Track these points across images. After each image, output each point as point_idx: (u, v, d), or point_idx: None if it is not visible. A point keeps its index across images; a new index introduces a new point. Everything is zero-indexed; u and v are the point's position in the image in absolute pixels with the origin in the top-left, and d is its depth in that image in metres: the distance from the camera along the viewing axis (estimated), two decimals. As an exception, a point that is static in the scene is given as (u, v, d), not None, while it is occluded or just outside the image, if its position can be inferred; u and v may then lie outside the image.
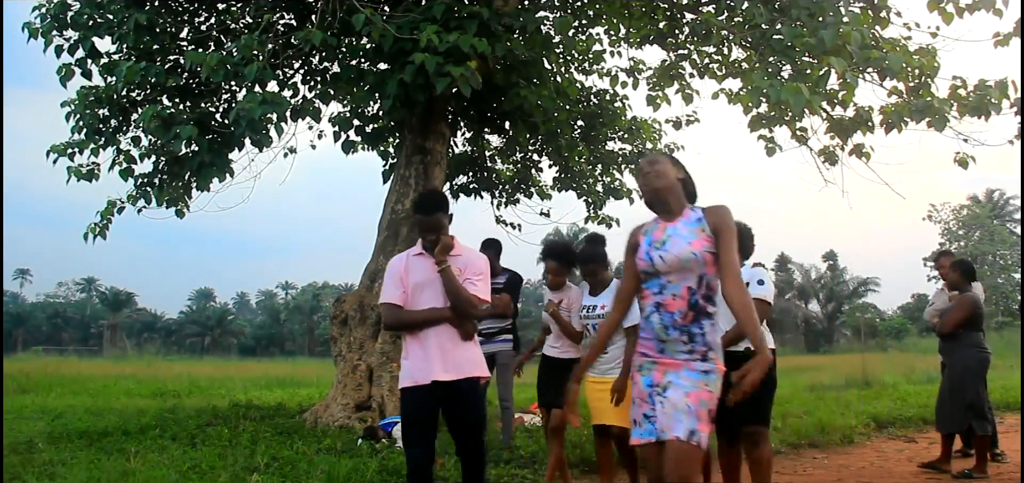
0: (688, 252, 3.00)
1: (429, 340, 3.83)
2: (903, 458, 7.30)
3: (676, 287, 3.02)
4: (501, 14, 7.35)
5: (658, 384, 3.06)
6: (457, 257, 3.94)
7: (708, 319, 3.03)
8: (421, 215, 3.92)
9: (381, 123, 9.53)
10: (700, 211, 3.11)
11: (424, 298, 3.87)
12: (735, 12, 7.96)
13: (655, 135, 11.28)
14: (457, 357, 3.84)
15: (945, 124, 6.95)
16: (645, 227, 3.21)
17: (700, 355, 3.01)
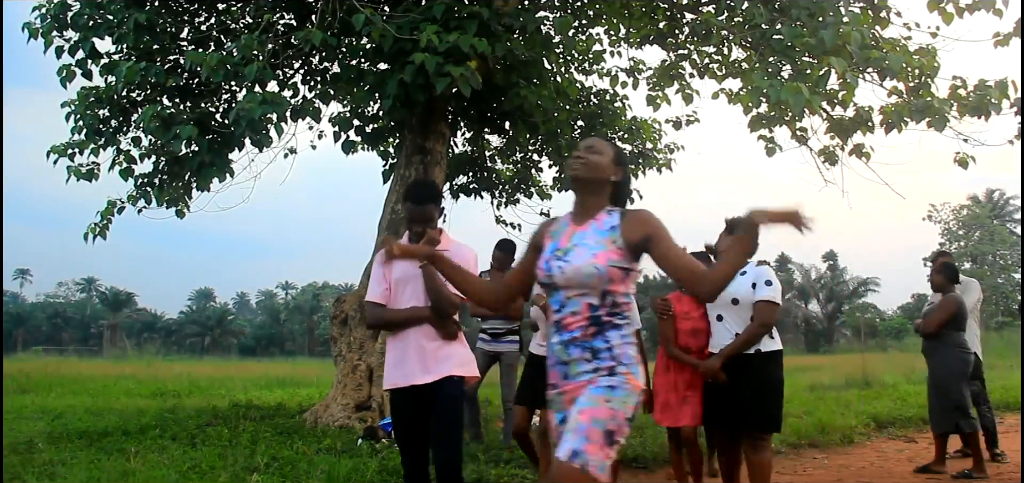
0: (590, 266, 2.58)
1: (408, 341, 3.63)
2: (903, 458, 7.30)
3: (575, 304, 2.62)
4: (501, 14, 7.35)
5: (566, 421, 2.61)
6: (443, 252, 3.75)
7: (615, 330, 2.61)
8: (411, 204, 3.72)
9: (381, 123, 9.53)
10: (617, 216, 2.68)
11: (406, 295, 3.66)
12: (735, 12, 7.96)
13: (655, 135, 11.28)
14: (437, 358, 3.61)
15: (945, 124, 6.95)
16: (553, 227, 2.81)
17: (606, 370, 2.57)
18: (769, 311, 4.46)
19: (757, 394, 4.45)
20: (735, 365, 4.53)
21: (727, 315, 4.58)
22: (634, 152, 11.16)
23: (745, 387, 4.45)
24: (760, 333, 4.44)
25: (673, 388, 4.94)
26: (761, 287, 4.47)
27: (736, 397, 4.49)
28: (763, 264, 4.64)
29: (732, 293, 4.47)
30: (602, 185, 2.75)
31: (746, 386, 4.45)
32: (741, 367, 4.49)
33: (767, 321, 4.45)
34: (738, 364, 4.50)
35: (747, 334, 4.47)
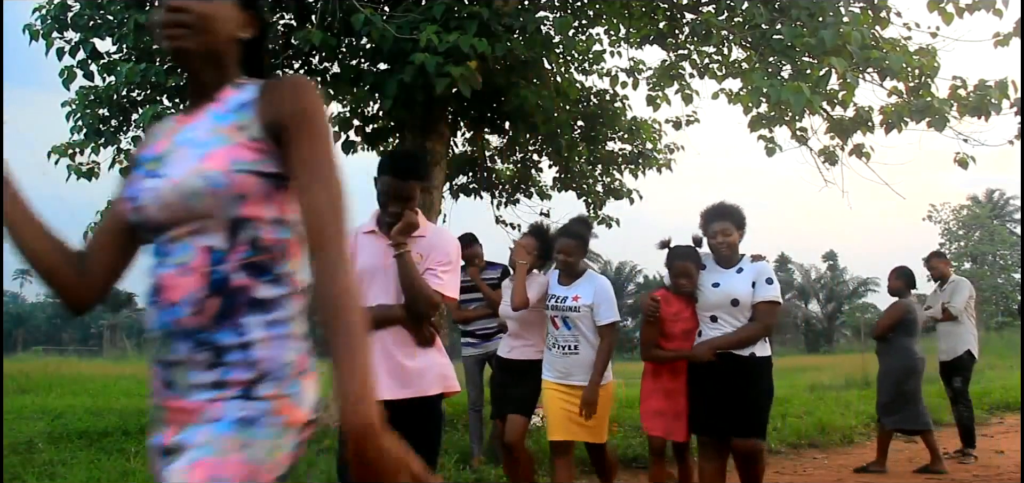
0: (195, 176, 1.44)
1: (375, 347, 2.86)
2: (903, 458, 7.31)
3: (183, 249, 1.45)
4: (501, 14, 7.34)
5: (168, 451, 1.56)
6: (420, 239, 3.10)
7: (258, 313, 1.45)
8: (391, 178, 3.05)
9: (381, 123, 9.53)
10: (252, 90, 1.53)
11: (372, 290, 3.02)
12: (735, 12, 7.95)
13: (655, 135, 11.27)
14: (410, 369, 3.01)
15: (945, 124, 6.95)
16: (154, 130, 1.66)
17: (238, 387, 1.43)
18: (771, 312, 4.21)
19: (755, 400, 4.19)
20: (727, 369, 4.19)
21: (724, 316, 4.22)
22: (634, 152, 11.16)
23: (742, 392, 4.16)
24: (760, 335, 4.19)
25: (666, 395, 4.51)
26: (762, 286, 4.18)
27: (730, 403, 4.16)
28: (760, 259, 4.32)
29: (731, 292, 4.18)
30: (216, 40, 1.53)
31: (744, 391, 4.16)
32: (735, 371, 4.18)
33: (770, 323, 4.22)
34: (731, 368, 4.19)
35: (747, 332, 4.17)
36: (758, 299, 4.19)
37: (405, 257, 3.00)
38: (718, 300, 4.24)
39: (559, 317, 4.46)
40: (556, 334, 4.49)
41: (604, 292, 4.42)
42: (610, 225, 11.54)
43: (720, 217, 4.35)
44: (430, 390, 3.06)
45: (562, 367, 4.45)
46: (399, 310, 3.02)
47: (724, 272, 4.31)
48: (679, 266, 4.37)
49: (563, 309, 4.44)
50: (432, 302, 3.02)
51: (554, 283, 4.57)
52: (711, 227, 4.33)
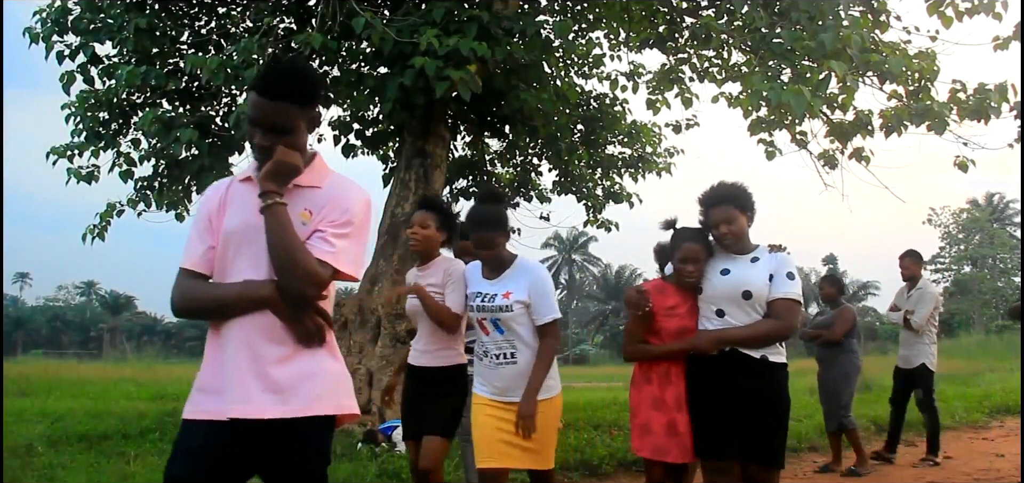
0: None
1: (231, 341, 2.10)
2: (903, 461, 7.29)
3: None
4: (501, 18, 7.36)
5: None
6: (310, 191, 2.21)
7: None
8: (257, 96, 2.16)
9: (381, 127, 9.54)
10: None
11: (240, 260, 2.15)
12: (735, 16, 7.97)
13: (655, 139, 11.30)
14: (283, 377, 2.09)
15: (945, 128, 6.96)
16: None
17: None
18: (792, 311, 3.51)
19: (778, 419, 3.58)
20: (737, 376, 3.51)
21: (732, 311, 3.52)
22: (634, 156, 11.18)
23: (760, 407, 3.50)
24: (779, 335, 3.52)
25: (655, 406, 3.71)
26: (782, 280, 3.50)
27: (745, 419, 3.48)
28: (779, 250, 3.65)
29: (743, 282, 3.49)
30: None
31: (762, 405, 3.50)
32: (747, 379, 3.50)
33: (791, 324, 3.53)
34: (742, 375, 3.50)
35: (762, 328, 3.49)
36: (777, 295, 3.49)
37: (275, 211, 2.10)
38: (727, 290, 3.53)
39: (488, 320, 3.56)
40: (486, 340, 3.58)
41: (541, 284, 3.55)
42: (610, 229, 11.56)
43: (720, 201, 3.59)
44: (309, 410, 2.10)
45: (497, 381, 3.54)
46: (268, 288, 2.10)
47: (736, 259, 3.59)
48: (687, 249, 3.59)
49: (491, 309, 3.55)
50: (313, 277, 2.08)
51: (476, 277, 3.68)
52: (711, 215, 3.59)
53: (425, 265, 4.00)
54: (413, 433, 4.05)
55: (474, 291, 3.65)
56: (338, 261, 2.14)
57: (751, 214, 3.63)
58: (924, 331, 6.99)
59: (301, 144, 2.21)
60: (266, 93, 2.14)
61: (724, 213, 3.55)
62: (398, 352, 7.43)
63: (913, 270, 7.21)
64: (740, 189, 3.65)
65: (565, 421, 7.00)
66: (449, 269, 3.90)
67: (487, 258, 3.59)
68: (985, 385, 13.59)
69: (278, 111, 2.14)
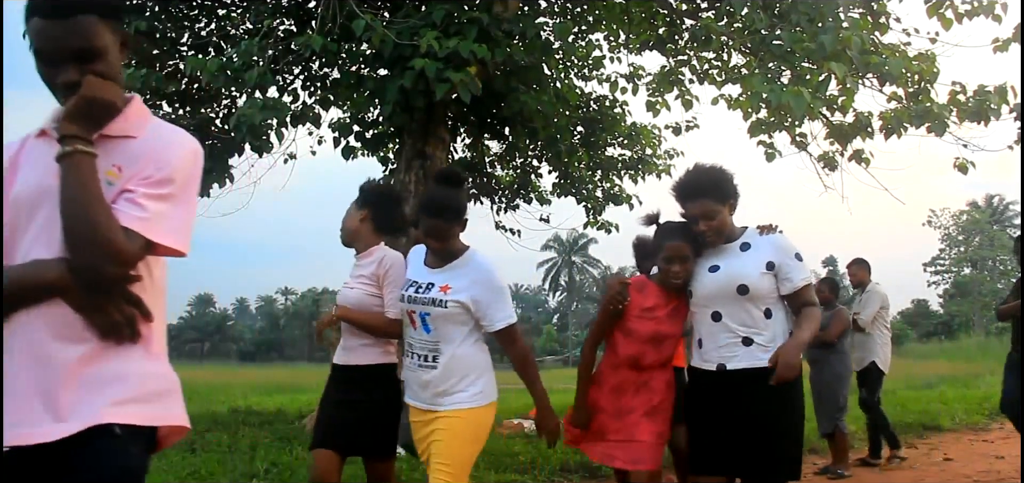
0: None
1: (15, 342, 1.59)
2: (903, 463, 7.29)
3: None
4: (501, 20, 7.36)
5: None
6: (125, 142, 1.68)
7: None
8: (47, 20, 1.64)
9: (381, 128, 9.54)
10: None
11: (28, 235, 1.63)
12: (735, 18, 7.97)
13: (655, 141, 11.31)
14: (75, 384, 1.57)
15: (945, 129, 6.96)
16: None
17: None
18: (813, 291, 3.22)
19: (790, 426, 3.12)
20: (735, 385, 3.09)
21: (731, 312, 3.09)
22: (634, 158, 11.18)
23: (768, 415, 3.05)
24: (818, 321, 3.15)
25: (618, 414, 3.32)
26: (794, 266, 3.09)
27: (751, 430, 3.05)
28: (770, 230, 3.21)
29: (736, 278, 3.07)
30: None
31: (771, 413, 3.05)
32: (747, 386, 3.06)
33: (818, 306, 3.23)
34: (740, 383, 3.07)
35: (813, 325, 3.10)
36: (799, 283, 3.10)
37: (76, 161, 1.55)
38: (719, 288, 3.09)
39: (417, 312, 3.11)
40: (412, 336, 3.17)
41: (491, 285, 3.08)
42: (610, 230, 11.56)
43: (695, 195, 3.14)
44: (96, 420, 1.55)
45: (418, 386, 3.15)
46: (56, 270, 1.56)
47: (724, 250, 3.16)
48: (672, 248, 3.17)
49: (423, 301, 3.07)
50: (115, 249, 1.54)
51: (417, 262, 3.24)
52: (687, 210, 3.18)
53: (363, 254, 3.52)
54: (321, 439, 3.38)
55: (409, 277, 3.21)
56: (151, 230, 1.59)
57: (733, 202, 3.20)
58: (872, 330, 7.04)
59: (115, 73, 1.67)
60: (57, 12, 1.60)
61: (701, 208, 3.12)
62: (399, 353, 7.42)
63: (861, 277, 7.38)
64: (717, 177, 3.18)
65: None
66: (385, 261, 3.41)
67: (437, 249, 3.12)
68: (985, 387, 13.58)
69: (78, 30, 1.60)
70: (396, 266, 3.37)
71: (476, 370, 3.12)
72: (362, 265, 3.47)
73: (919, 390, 14.40)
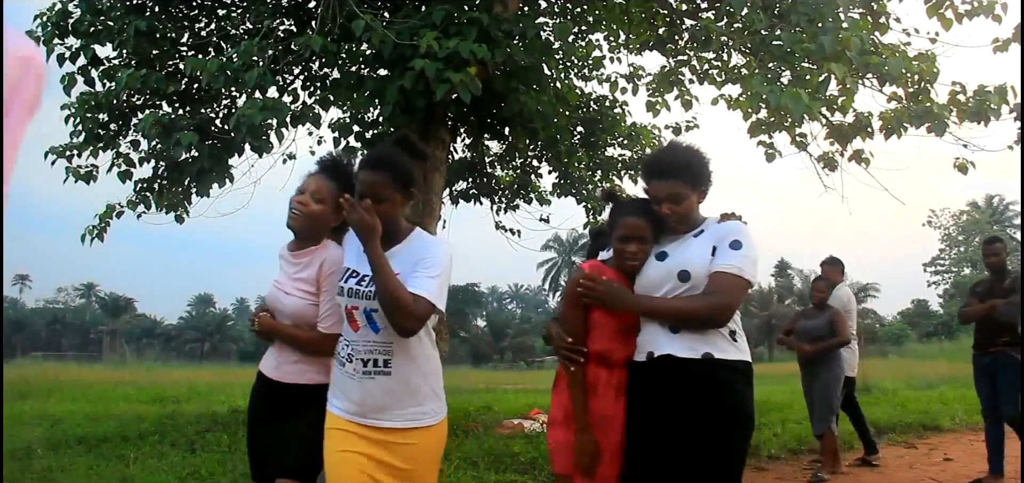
0: None
1: None
2: (903, 464, 7.30)
3: None
4: (501, 20, 7.36)
5: None
6: None
7: None
8: None
9: (381, 129, 9.54)
10: None
11: None
12: (734, 18, 7.97)
13: (654, 141, 11.30)
14: None
15: (945, 129, 6.96)
16: None
17: None
18: (733, 287, 2.63)
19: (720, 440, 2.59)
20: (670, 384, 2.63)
21: None
22: (634, 158, 11.18)
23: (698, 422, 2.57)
24: (708, 314, 2.62)
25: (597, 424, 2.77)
26: (723, 252, 2.67)
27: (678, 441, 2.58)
28: (730, 218, 2.85)
29: (679, 263, 2.71)
30: None
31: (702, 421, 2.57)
32: (683, 383, 2.61)
33: (727, 303, 2.63)
34: (674, 381, 2.62)
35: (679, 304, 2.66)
36: (716, 267, 2.65)
37: None
38: (661, 276, 2.73)
39: (362, 310, 2.61)
40: (353, 339, 2.64)
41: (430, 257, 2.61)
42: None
43: (666, 174, 2.77)
44: None
45: (361, 397, 2.60)
46: None
47: (675, 238, 2.81)
48: (629, 225, 2.79)
49: (368, 295, 2.58)
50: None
51: (355, 250, 2.67)
52: (653, 188, 2.81)
53: (300, 250, 2.92)
54: (259, 474, 2.91)
55: (349, 265, 2.70)
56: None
57: (705, 189, 2.84)
58: None
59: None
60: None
61: (668, 188, 2.75)
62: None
63: (833, 277, 7.36)
64: (692, 158, 2.82)
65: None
66: (328, 262, 2.83)
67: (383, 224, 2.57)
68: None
69: None
70: (339, 271, 2.76)
71: (435, 375, 2.72)
72: (300, 265, 2.91)
73: (919, 390, 14.42)
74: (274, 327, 2.90)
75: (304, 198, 2.90)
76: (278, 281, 2.96)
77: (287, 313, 2.88)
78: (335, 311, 2.78)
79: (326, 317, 2.82)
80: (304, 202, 2.90)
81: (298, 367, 2.88)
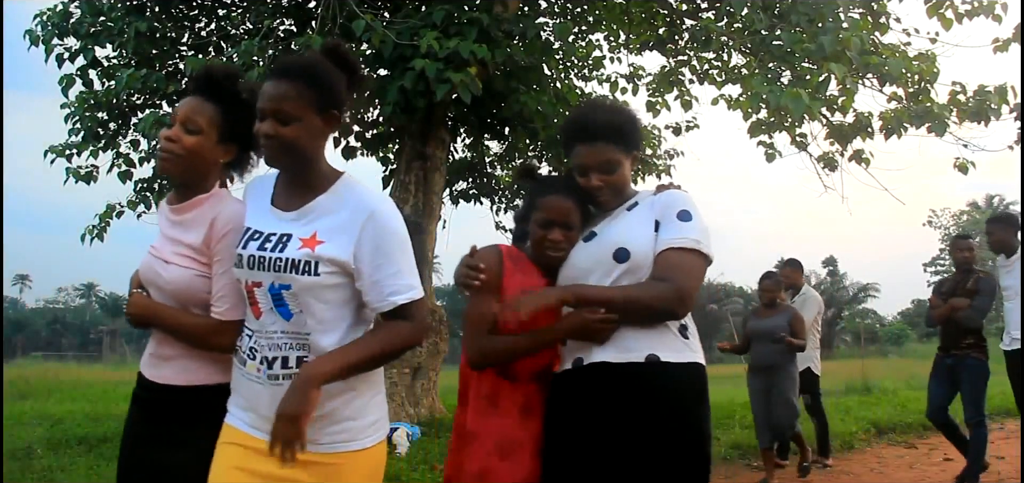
0: None
1: None
2: (903, 464, 7.30)
3: None
4: (501, 20, 7.37)
5: None
6: None
7: None
8: None
9: (381, 129, 9.55)
10: None
11: None
12: (735, 18, 7.98)
13: (655, 141, 11.31)
14: None
15: (945, 129, 6.97)
16: None
17: None
18: (691, 268, 2.07)
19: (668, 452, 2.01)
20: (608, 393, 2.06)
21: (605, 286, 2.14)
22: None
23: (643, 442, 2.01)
24: (665, 303, 2.04)
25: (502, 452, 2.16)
26: (671, 223, 2.12)
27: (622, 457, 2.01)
28: (668, 188, 2.28)
29: (614, 241, 2.14)
30: None
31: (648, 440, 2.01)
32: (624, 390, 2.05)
33: (685, 287, 2.05)
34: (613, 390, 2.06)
35: (635, 293, 2.06)
36: (665, 244, 2.10)
37: None
38: (593, 259, 2.16)
39: (265, 287, 1.89)
40: (255, 328, 1.94)
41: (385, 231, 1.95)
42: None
43: (594, 137, 2.21)
44: None
45: (266, 405, 1.86)
46: None
47: (604, 215, 2.27)
48: (550, 206, 2.22)
49: (273, 265, 1.86)
50: None
51: (259, 205, 2.01)
52: (578, 156, 2.24)
53: (183, 204, 2.08)
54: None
55: (250, 226, 1.95)
56: None
57: (637, 153, 2.33)
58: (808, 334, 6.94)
59: None
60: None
61: (598, 155, 2.21)
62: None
63: (795, 279, 7.30)
64: (623, 117, 2.30)
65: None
66: (222, 219, 2.03)
67: (278, 157, 1.90)
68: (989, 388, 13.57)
69: None
70: (238, 231, 1.99)
71: (372, 380, 1.98)
72: (183, 224, 2.07)
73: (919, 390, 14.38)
74: (150, 310, 2.05)
75: (173, 131, 2.04)
76: (155, 247, 2.08)
77: (168, 290, 2.03)
78: (234, 289, 1.98)
79: (222, 297, 2.00)
80: (173, 137, 2.04)
81: (180, 363, 2.03)
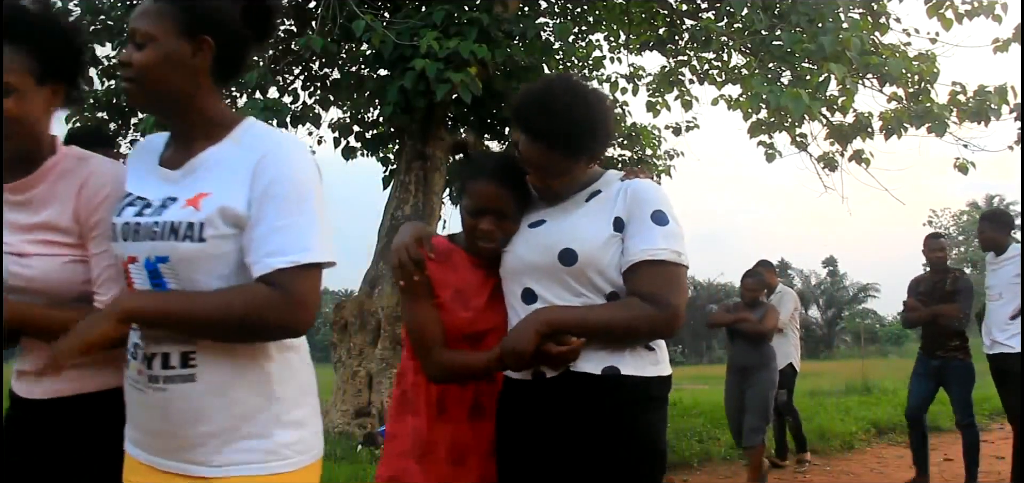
0: None
1: None
2: (903, 464, 7.29)
3: None
4: (501, 20, 7.37)
5: None
6: None
7: None
8: None
9: (381, 129, 9.55)
10: None
11: None
12: (735, 18, 7.98)
13: (655, 141, 11.32)
14: None
15: (945, 130, 6.98)
16: None
17: None
18: (675, 283, 1.83)
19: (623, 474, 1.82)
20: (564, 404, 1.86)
21: (547, 290, 1.87)
22: (634, 158, 11.19)
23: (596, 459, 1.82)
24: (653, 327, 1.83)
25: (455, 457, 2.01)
26: (645, 228, 1.84)
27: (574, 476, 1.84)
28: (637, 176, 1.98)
29: (560, 238, 1.87)
30: None
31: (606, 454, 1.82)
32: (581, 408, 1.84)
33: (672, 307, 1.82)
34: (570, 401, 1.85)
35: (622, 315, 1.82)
36: (642, 255, 1.83)
37: None
38: (536, 252, 1.90)
39: (141, 261, 1.46)
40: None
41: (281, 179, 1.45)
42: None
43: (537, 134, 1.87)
44: None
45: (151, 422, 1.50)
46: None
47: (558, 198, 1.99)
48: (480, 190, 1.98)
49: (149, 233, 1.45)
50: None
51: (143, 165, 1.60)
52: (522, 148, 1.92)
53: (25, 179, 1.62)
54: None
55: (131, 190, 1.55)
56: None
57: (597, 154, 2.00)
58: (787, 332, 6.93)
59: None
60: None
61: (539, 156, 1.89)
62: (398, 354, 7.43)
63: (771, 279, 7.31)
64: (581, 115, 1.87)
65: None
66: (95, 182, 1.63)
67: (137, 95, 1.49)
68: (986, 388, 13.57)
69: None
70: (116, 196, 1.59)
71: (293, 381, 1.56)
72: (31, 200, 1.63)
73: (919, 390, 14.39)
74: (20, 316, 1.56)
75: None
76: (8, 243, 1.60)
77: (34, 288, 1.59)
78: (116, 268, 1.58)
79: (106, 281, 1.61)
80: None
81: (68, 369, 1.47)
